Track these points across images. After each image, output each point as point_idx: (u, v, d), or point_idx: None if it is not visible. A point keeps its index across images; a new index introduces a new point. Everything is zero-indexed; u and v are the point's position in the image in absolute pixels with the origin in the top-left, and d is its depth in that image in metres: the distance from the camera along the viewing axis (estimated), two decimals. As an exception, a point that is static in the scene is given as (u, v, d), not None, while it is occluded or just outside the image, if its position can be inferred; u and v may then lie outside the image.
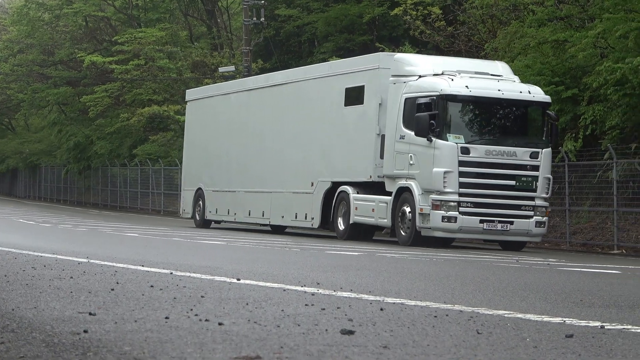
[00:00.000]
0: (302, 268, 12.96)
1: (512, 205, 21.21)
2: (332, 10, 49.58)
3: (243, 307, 7.23)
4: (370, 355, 5.02)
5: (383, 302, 7.92)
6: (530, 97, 21.60)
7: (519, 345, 5.61)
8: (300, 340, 5.48)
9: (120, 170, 59.12)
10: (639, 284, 12.72)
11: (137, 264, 12.20)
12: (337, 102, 25.49)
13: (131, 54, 53.25)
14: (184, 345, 5.19)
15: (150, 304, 7.27)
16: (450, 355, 5.15)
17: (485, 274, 13.95)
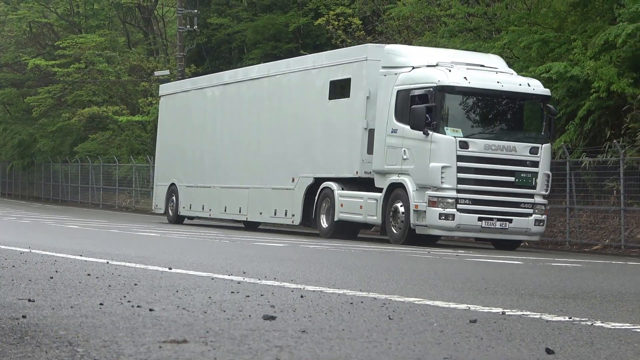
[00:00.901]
0: (230, 258, 12.93)
1: (511, 203, 19.75)
2: (261, 19, 49.67)
3: (173, 294, 7.21)
4: (290, 339, 5.03)
5: (303, 290, 7.94)
6: (530, 90, 20.18)
7: (427, 329, 5.66)
8: (225, 325, 5.49)
9: (61, 166, 58.66)
10: (539, 274, 12.82)
11: (76, 254, 12.10)
12: (321, 96, 23.70)
13: (72, 58, 52.86)
14: (115, 330, 5.17)
15: (86, 291, 7.23)
16: (363, 339, 5.18)
17: (400, 264, 13.98)
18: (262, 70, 28.55)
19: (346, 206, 21.68)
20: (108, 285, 7.76)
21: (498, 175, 19.39)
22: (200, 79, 34.14)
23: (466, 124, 19.49)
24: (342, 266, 12.63)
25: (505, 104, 20.29)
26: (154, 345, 4.71)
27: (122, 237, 19.57)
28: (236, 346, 4.75)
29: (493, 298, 7.85)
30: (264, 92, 27.04)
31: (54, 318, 5.59)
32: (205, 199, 29.16)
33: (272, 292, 7.63)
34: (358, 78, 22.11)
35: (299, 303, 6.88)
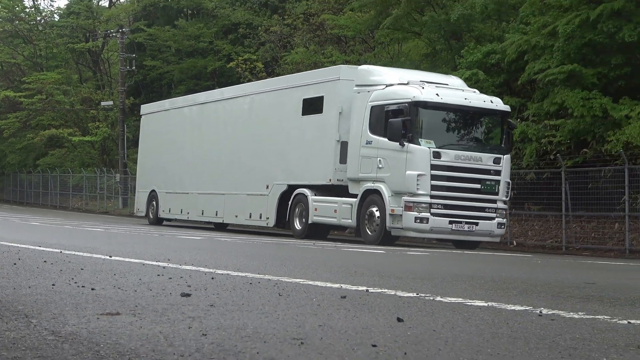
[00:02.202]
0: (159, 248, 12.83)
1: (477, 208, 18.20)
2: (185, 62, 49.56)
3: (111, 276, 7.14)
4: (200, 312, 5.04)
5: (214, 273, 7.92)
6: (493, 106, 18.82)
7: (307, 304, 5.70)
8: (150, 301, 5.47)
9: (26, 176, 57.86)
10: (398, 261, 12.85)
11: (36, 245, 11.90)
12: (294, 112, 21.78)
13: (35, 91, 52.03)
14: (63, 305, 5.12)
15: (42, 274, 7.12)
16: (257, 311, 5.20)
17: (292, 253, 13.81)
18: (238, 90, 26.77)
19: (320, 210, 20.06)
20: (60, 269, 7.66)
21: (466, 183, 18.08)
22: (178, 99, 31.90)
23: (438, 136, 18.01)
24: (246, 255, 12.61)
25: (472, 119, 18.98)
26: (93, 317, 4.68)
27: (74, 232, 19.22)
28: (158, 317, 4.74)
29: (360, 279, 7.90)
30: (240, 110, 25.18)
31: (15, 296, 5.51)
32: (184, 203, 27.30)
33: (189, 275, 7.61)
34: (331, 95, 20.42)
35: (210, 283, 6.87)
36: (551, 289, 7.58)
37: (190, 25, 50.18)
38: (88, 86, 55.06)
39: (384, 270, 9.85)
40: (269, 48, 43.64)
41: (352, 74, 20.07)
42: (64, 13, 57.90)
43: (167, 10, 51.97)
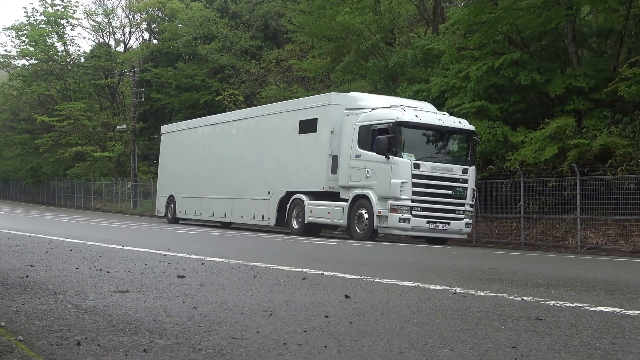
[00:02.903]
0: (161, 240, 12.77)
1: (449, 210, 17.51)
2: (183, 95, 49.53)
3: (124, 262, 7.08)
4: (192, 290, 5.02)
5: (204, 260, 7.89)
6: (461, 126, 18.14)
7: (276, 284, 5.70)
8: (153, 281, 5.43)
9: (58, 183, 57.42)
10: (347, 251, 12.81)
11: (64, 237, 11.79)
12: (292, 131, 20.84)
13: (65, 116, 51.66)
14: (84, 284, 5.08)
15: (68, 260, 7.05)
16: (237, 288, 5.19)
17: (267, 245, 13.85)
18: (243, 114, 25.90)
19: (315, 212, 19.27)
20: (82, 256, 7.59)
21: (440, 189, 17.36)
22: (192, 121, 30.30)
23: (417, 150, 17.29)
24: (229, 246, 12.57)
25: (444, 136, 18.17)
26: (108, 293, 4.64)
27: (94, 227, 19.05)
28: (159, 294, 4.71)
29: (318, 265, 7.92)
30: (245, 129, 24.14)
31: (46, 277, 5.45)
32: (197, 206, 26.20)
33: (185, 261, 7.57)
34: (324, 117, 19.53)
35: (201, 268, 6.84)
36: (463, 273, 7.66)
37: (187, 67, 50.18)
38: (107, 113, 54.84)
39: (338, 259, 9.89)
40: (248, 85, 43.76)
41: (342, 100, 19.40)
42: (88, 56, 57.65)
43: (169, 55, 51.89)
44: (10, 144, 65.45)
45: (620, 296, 5.55)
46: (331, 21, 29.64)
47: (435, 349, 3.20)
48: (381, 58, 29.09)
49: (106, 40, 57.69)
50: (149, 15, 56.06)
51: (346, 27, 29.19)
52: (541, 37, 23.51)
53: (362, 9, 29.52)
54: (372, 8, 29.83)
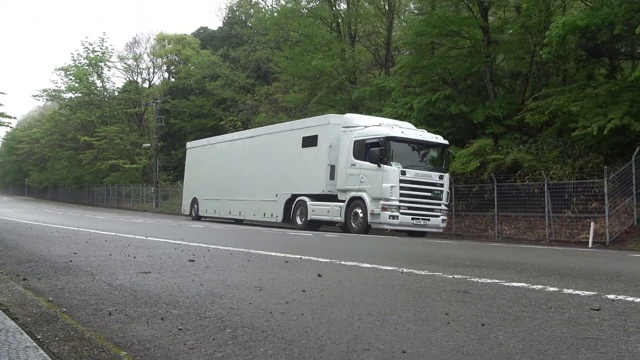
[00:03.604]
0: (177, 233, 12.61)
1: (429, 209, 16.68)
2: (194, 121, 49.17)
3: (146, 250, 6.98)
4: (200, 271, 4.95)
5: (210, 248, 7.80)
6: (438, 140, 17.31)
7: (265, 266, 5.64)
8: (169, 264, 5.36)
9: (96, 188, 56.66)
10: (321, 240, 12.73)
11: (100, 230, 11.60)
12: (296, 145, 19.94)
13: (102, 137, 51.13)
14: (115, 267, 4.99)
15: (103, 248, 6.93)
16: (234, 269, 5.13)
17: (260, 236, 13.60)
18: (255, 132, 24.58)
19: (316, 211, 18.49)
20: (115, 245, 7.48)
21: (422, 192, 16.56)
22: (213, 138, 28.58)
23: (403, 160, 16.55)
24: (229, 237, 12.42)
25: (424, 149, 17.32)
26: (134, 274, 4.56)
27: (124, 223, 18.80)
28: (174, 274, 4.64)
29: (297, 251, 7.89)
30: (257, 144, 23.01)
31: (86, 262, 5.35)
32: (216, 206, 25.08)
33: (194, 249, 7.49)
34: (323, 134, 18.69)
35: (207, 254, 6.77)
36: (409, 257, 7.65)
37: (198, 99, 49.92)
38: (135, 134, 54.35)
39: (313, 247, 9.84)
40: (245, 113, 43.51)
41: (339, 120, 18.57)
42: (121, 90, 57.29)
43: (184, 90, 51.59)
44: (59, 158, 64.88)
45: (527, 274, 5.58)
46: (308, 65, 29.65)
47: (387, 315, 3.18)
48: (346, 93, 29.15)
49: (135, 78, 57.37)
50: (168, 60, 55.83)
51: (319, 70, 29.22)
52: (467, 78, 23.72)
53: (332, 55, 29.58)
54: (339, 55, 29.90)
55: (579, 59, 20.09)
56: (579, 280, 5.16)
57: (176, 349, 2.41)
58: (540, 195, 17.77)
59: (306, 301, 3.56)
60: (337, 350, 2.43)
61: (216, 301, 3.45)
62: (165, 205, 42.29)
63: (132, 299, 3.44)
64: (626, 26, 16.68)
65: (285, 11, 32.46)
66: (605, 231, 15.78)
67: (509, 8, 24.66)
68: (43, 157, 69.84)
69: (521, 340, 2.68)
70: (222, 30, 53.22)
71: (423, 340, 2.62)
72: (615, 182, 16.27)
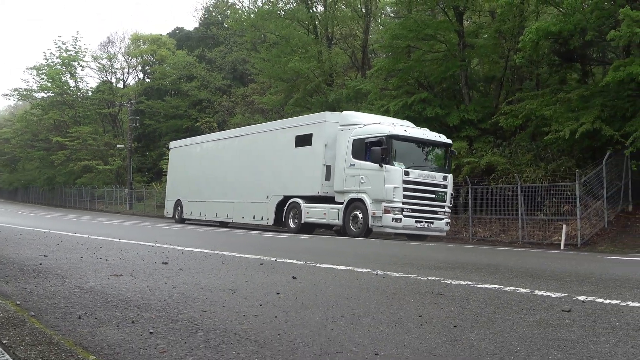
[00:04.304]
0: (151, 235, 12.46)
1: (433, 211, 15.76)
2: (169, 122, 48.74)
3: (119, 252, 6.89)
4: (173, 273, 4.90)
5: (184, 250, 7.73)
6: (441, 139, 16.41)
7: (239, 268, 5.61)
8: (142, 267, 5.29)
9: (69, 189, 55.81)
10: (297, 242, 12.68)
11: (72, 232, 11.42)
12: (289, 145, 18.83)
13: (75, 137, 50.42)
14: (87, 270, 4.91)
15: (75, 251, 6.82)
16: (208, 272, 5.09)
17: (236, 239, 13.53)
18: (243, 131, 23.19)
19: (311, 213, 17.43)
20: (87, 248, 7.36)
21: (426, 194, 15.64)
22: (198, 137, 27.45)
23: (406, 160, 15.56)
24: (204, 239, 12.33)
25: (427, 148, 16.33)
26: (105, 277, 4.49)
27: (97, 225, 18.52)
28: (147, 277, 4.58)
29: (273, 253, 7.86)
30: (245, 144, 21.76)
31: (56, 264, 5.25)
32: (202, 208, 23.84)
33: (168, 251, 7.42)
34: (319, 133, 17.62)
35: (181, 256, 6.71)
36: (385, 259, 7.68)
37: (173, 100, 49.50)
38: (109, 135, 53.72)
39: (289, 248, 9.82)
40: (221, 115, 43.30)
41: (336, 118, 17.59)
42: (94, 90, 56.62)
43: (159, 90, 51.11)
44: (30, 159, 63.88)
45: (500, 276, 5.63)
46: (285, 67, 29.62)
47: (361, 317, 3.18)
48: (322, 95, 29.18)
49: (109, 78, 56.73)
50: (143, 60, 55.33)
51: (296, 72, 29.21)
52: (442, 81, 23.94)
53: (308, 58, 29.60)
54: (316, 57, 29.93)
55: (552, 64, 20.44)
56: (551, 281, 5.23)
57: (147, 352, 2.38)
58: (513, 198, 18.00)
59: (280, 304, 3.54)
60: (310, 353, 2.42)
61: (189, 304, 3.42)
62: (139, 207, 41.85)
63: (102, 302, 3.39)
64: (597, 32, 17.02)
65: (262, 13, 32.39)
66: (577, 233, 16.04)
67: (484, 13, 24.99)
68: (13, 157, 68.61)
69: (492, 341, 2.71)
70: (198, 31, 52.91)
71: (396, 342, 2.63)
72: (587, 185, 16.57)
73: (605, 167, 16.47)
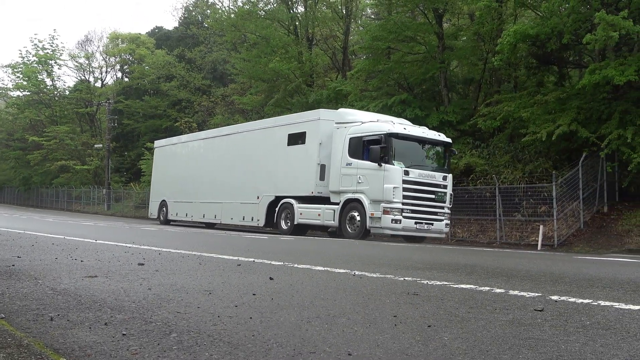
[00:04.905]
0: (127, 236, 12.32)
1: (432, 212, 15.27)
2: (148, 122, 48.52)
3: (95, 253, 6.81)
4: (149, 274, 4.86)
5: (161, 251, 7.67)
6: (441, 138, 15.93)
7: (216, 269, 5.59)
8: (118, 268, 5.24)
9: (45, 189, 55.03)
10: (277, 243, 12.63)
11: (48, 233, 11.26)
12: (281, 143, 18.29)
13: (52, 137, 49.72)
14: (61, 271, 4.85)
15: (50, 252, 6.73)
16: (185, 273, 5.06)
17: (215, 239, 13.41)
18: (232, 129, 22.32)
19: (305, 214, 16.85)
20: (62, 249, 7.27)
21: (426, 194, 15.13)
22: (183, 136, 26.74)
23: (406, 159, 15.03)
24: (183, 240, 12.22)
25: (427, 147, 15.84)
26: (80, 278, 4.45)
27: (74, 225, 18.25)
28: (122, 278, 4.55)
29: (251, 254, 7.82)
30: (234, 142, 21.06)
31: (30, 265, 5.18)
32: (188, 209, 22.94)
33: (145, 252, 7.35)
34: (313, 131, 17.07)
35: (158, 257, 6.65)
36: (363, 259, 7.70)
37: (152, 99, 49.18)
38: (86, 135, 53.10)
39: (267, 249, 9.79)
40: (200, 115, 43.06)
41: (332, 115, 17.07)
42: (72, 89, 55.90)
43: (138, 90, 50.74)
44: (6, 159, 62.77)
45: (476, 276, 5.69)
46: (265, 67, 29.58)
47: (336, 318, 3.20)
48: (303, 96, 29.18)
49: (87, 77, 56.06)
50: (121, 59, 54.79)
51: (276, 72, 29.17)
52: (422, 83, 24.11)
53: (289, 58, 29.60)
54: (297, 58, 29.94)
55: (530, 66, 20.70)
56: (525, 281, 5.30)
57: (118, 354, 2.36)
58: (491, 198, 18.18)
59: (256, 305, 3.54)
60: (283, 354, 2.42)
61: (163, 305, 3.40)
62: (117, 208, 41.44)
63: (75, 304, 3.36)
64: (574, 36, 17.27)
65: (243, 13, 32.30)
66: (553, 234, 16.26)
67: (463, 15, 25.21)
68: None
69: (465, 341, 2.74)
70: (178, 30, 52.57)
71: (369, 343, 2.65)
72: (563, 187, 16.80)
73: (581, 169, 16.72)
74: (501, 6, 20.70)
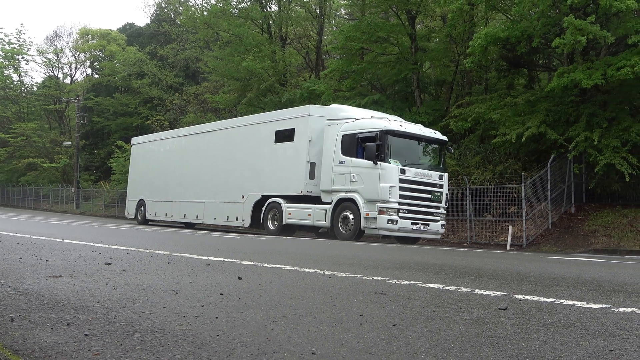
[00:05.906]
0: (96, 235, 12.14)
1: (429, 212, 14.88)
2: (119, 120, 47.85)
3: (61, 253, 6.70)
4: (116, 274, 4.81)
5: (130, 250, 7.58)
6: (437, 136, 15.55)
7: (185, 269, 5.54)
8: (84, 268, 5.17)
9: (12, 188, 53.93)
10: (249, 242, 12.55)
11: (13, 232, 11.02)
12: (267, 141, 17.62)
13: (19, 134, 48.79)
14: (24, 271, 4.76)
15: (14, 251, 6.59)
16: (153, 272, 5.01)
17: (184, 238, 13.21)
18: (215, 126, 21.53)
19: (294, 214, 16.24)
20: (27, 248, 7.12)
21: (422, 194, 14.72)
22: (162, 133, 25.81)
23: (402, 157, 14.60)
24: (152, 240, 12.06)
25: (423, 145, 15.40)
26: (44, 278, 4.38)
27: (41, 224, 17.89)
28: (87, 278, 4.49)
29: (221, 254, 7.77)
30: (217, 140, 20.28)
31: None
32: (168, 208, 22.16)
33: (113, 251, 7.25)
34: (302, 128, 16.44)
35: (126, 256, 6.57)
36: (333, 259, 7.72)
37: (123, 97, 48.56)
38: (55, 132, 52.22)
39: (238, 249, 9.72)
40: (172, 113, 42.71)
41: (322, 111, 16.49)
42: (40, 86, 54.90)
43: (108, 87, 50.06)
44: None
45: (444, 276, 5.75)
46: (238, 66, 29.46)
47: (302, 317, 3.21)
48: (276, 95, 29.15)
49: (56, 73, 55.16)
50: (92, 55, 54.05)
51: (250, 71, 29.09)
52: (395, 84, 24.29)
53: (262, 57, 29.51)
54: (270, 57, 29.88)
55: (500, 69, 21.02)
56: (492, 281, 5.39)
57: (80, 355, 2.34)
58: (462, 199, 18.40)
59: (223, 304, 3.53)
60: (247, 353, 2.43)
61: (128, 305, 3.37)
62: (87, 207, 40.85)
63: (38, 304, 3.31)
64: (543, 39, 17.59)
65: (216, 10, 32.10)
66: (522, 234, 16.54)
67: (436, 17, 25.47)
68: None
69: (428, 339, 2.78)
70: (150, 27, 52.00)
71: (334, 342, 2.67)
72: (532, 188, 17.10)
73: (550, 170, 17.04)
74: (473, 9, 20.97)
